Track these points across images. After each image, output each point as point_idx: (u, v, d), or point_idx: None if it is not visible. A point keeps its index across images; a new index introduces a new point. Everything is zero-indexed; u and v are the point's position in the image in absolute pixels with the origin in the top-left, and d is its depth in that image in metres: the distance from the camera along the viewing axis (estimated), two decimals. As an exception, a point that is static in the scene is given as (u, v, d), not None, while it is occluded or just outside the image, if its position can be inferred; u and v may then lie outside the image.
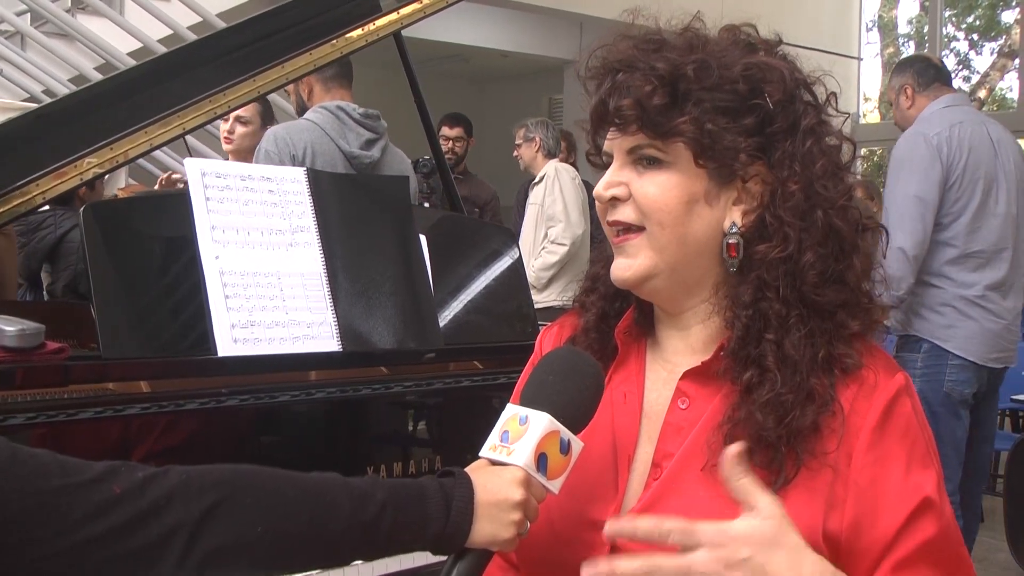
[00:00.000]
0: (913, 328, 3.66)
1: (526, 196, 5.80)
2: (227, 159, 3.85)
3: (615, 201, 1.14)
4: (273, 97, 4.15)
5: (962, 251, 3.60)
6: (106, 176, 3.80)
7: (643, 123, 1.10)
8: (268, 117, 4.08)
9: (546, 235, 5.23)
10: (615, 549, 1.12)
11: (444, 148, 5.88)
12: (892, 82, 3.89)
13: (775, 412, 1.05)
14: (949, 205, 3.57)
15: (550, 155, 5.45)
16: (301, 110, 3.56)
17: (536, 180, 5.40)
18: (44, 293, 3.80)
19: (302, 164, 3.18)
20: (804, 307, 1.09)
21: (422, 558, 1.78)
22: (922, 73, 3.81)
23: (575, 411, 1.09)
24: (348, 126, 3.32)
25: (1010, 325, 3.73)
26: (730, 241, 1.11)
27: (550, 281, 5.15)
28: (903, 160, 3.60)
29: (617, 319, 1.22)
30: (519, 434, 1.06)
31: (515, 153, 5.61)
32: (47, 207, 3.65)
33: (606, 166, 1.17)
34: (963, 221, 3.59)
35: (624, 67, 1.12)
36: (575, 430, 1.08)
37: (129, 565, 0.92)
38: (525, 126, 5.57)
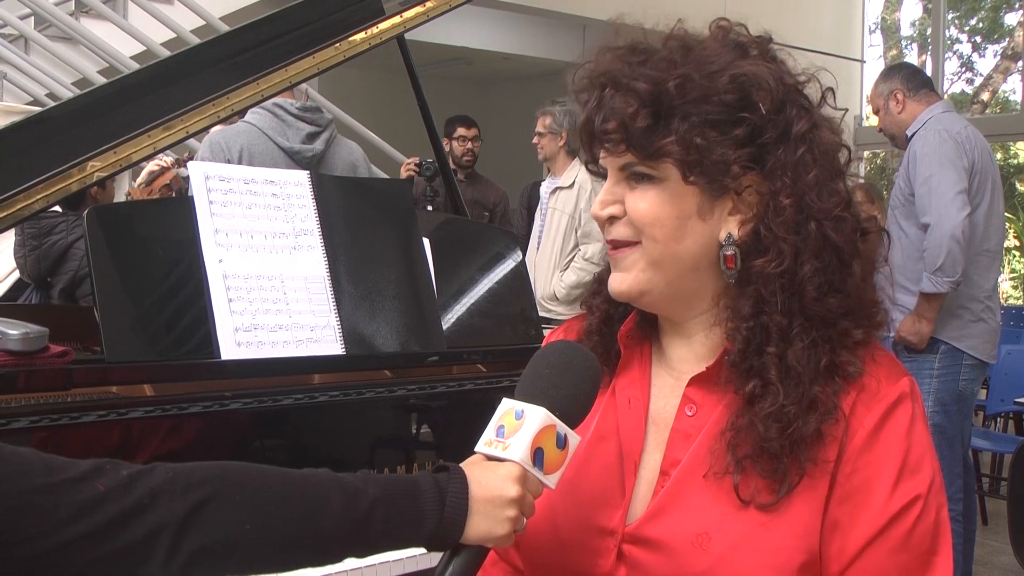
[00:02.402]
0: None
1: (531, 198, 5.70)
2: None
3: (612, 219, 1.14)
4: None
5: (977, 249, 3.69)
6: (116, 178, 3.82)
7: (629, 144, 1.09)
8: None
9: (577, 247, 4.94)
10: (621, 555, 1.12)
11: (463, 148, 5.80)
12: (879, 88, 3.93)
13: (778, 423, 1.04)
14: (970, 199, 3.64)
15: (572, 154, 5.06)
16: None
17: (563, 185, 5.06)
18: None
19: None
20: (806, 318, 1.08)
21: (420, 558, 1.78)
22: (911, 79, 3.88)
23: (572, 405, 1.07)
24: (287, 122, 3.29)
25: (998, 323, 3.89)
26: (727, 252, 1.10)
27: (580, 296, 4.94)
28: (931, 153, 3.64)
29: (621, 322, 1.22)
30: (515, 428, 1.04)
31: (535, 140, 5.21)
32: (59, 212, 3.66)
33: (605, 175, 1.17)
34: (979, 219, 3.67)
35: (609, 81, 1.11)
36: (572, 424, 1.07)
37: (115, 564, 0.90)
38: (552, 115, 5.05)
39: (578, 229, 4.94)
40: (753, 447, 1.05)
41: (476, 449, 1.07)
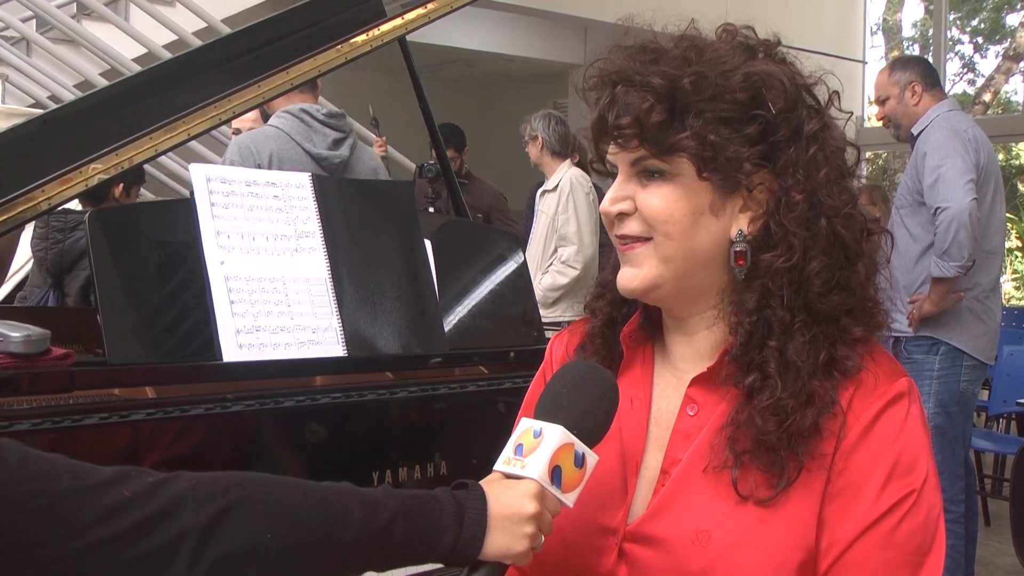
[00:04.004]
0: (929, 330, 3.70)
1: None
2: None
3: (622, 216, 1.14)
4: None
5: (979, 249, 3.66)
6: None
7: (643, 139, 1.10)
8: None
9: (555, 251, 4.95)
10: (623, 554, 1.13)
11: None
12: (895, 76, 3.87)
13: (775, 416, 1.05)
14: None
15: (557, 155, 5.09)
16: (265, 117, 3.54)
17: (548, 187, 5.08)
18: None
19: None
20: (808, 314, 1.08)
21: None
22: (928, 74, 3.87)
23: (590, 424, 1.08)
24: (314, 128, 3.28)
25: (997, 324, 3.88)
26: (737, 250, 1.11)
27: (558, 299, 4.99)
28: (940, 147, 3.64)
29: (624, 324, 1.22)
30: (533, 447, 1.05)
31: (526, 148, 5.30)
32: (81, 209, 3.65)
33: (611, 173, 1.17)
34: (981, 218, 3.64)
35: (622, 79, 1.11)
36: (590, 443, 1.07)
37: (139, 569, 0.91)
38: (528, 122, 5.16)
39: (557, 231, 4.95)
40: (752, 441, 1.06)
41: (495, 468, 1.08)
